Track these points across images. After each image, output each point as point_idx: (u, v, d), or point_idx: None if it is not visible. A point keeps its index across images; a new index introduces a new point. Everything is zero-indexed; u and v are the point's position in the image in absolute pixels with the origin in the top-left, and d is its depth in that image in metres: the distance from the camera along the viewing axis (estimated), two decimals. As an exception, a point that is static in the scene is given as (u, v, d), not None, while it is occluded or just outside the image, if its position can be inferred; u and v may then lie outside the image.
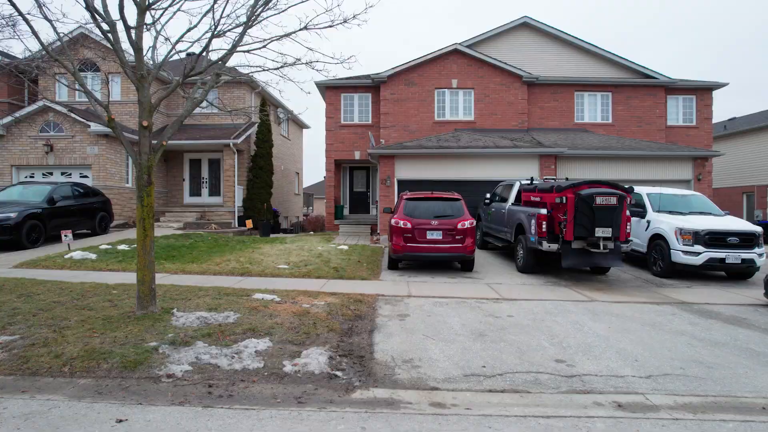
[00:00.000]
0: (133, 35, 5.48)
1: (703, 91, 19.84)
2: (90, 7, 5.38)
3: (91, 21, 5.44)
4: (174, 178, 21.14)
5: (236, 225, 19.63)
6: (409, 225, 9.75)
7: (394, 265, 10.41)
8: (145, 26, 5.51)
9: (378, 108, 19.56)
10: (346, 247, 13.48)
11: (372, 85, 19.51)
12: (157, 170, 21.28)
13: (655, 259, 10.58)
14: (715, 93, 19.93)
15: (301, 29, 5.71)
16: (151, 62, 5.84)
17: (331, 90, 19.69)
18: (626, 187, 9.48)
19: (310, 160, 75.79)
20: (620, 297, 8.20)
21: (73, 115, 16.46)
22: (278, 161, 25.14)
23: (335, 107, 19.90)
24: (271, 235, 18.05)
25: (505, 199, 12.71)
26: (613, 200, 8.88)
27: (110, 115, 5.60)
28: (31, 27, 5.39)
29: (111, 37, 5.54)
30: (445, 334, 5.78)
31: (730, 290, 9.11)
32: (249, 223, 19.10)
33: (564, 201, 9.16)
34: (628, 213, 9.40)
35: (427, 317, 6.54)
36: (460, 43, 18.83)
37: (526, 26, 19.41)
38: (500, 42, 19.48)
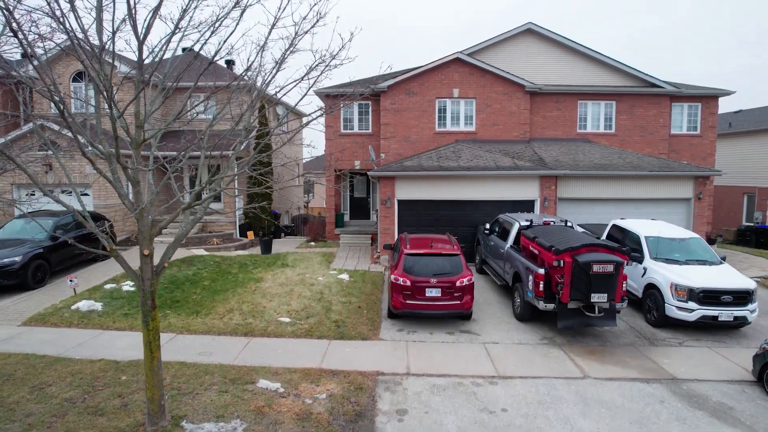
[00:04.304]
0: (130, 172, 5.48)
1: (708, 99, 19.48)
2: (87, 142, 5.36)
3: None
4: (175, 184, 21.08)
5: (237, 235, 19.81)
6: (408, 282, 9.91)
7: (393, 314, 10.63)
8: (141, 166, 5.50)
9: (378, 117, 19.30)
10: (346, 277, 13.69)
11: (372, 94, 19.16)
12: (157, 178, 21.27)
13: (650, 308, 10.80)
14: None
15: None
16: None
17: (330, 99, 19.34)
18: (623, 249, 9.58)
19: (310, 134, 74.90)
20: (612, 368, 8.44)
21: (70, 134, 16.27)
22: (278, 157, 25.00)
23: (335, 116, 19.62)
24: (272, 247, 18.19)
25: (505, 234, 12.77)
26: (610, 268, 9.00)
27: (111, 246, 5.68)
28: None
29: (111, 172, 5.56)
30: (442, 447, 6.06)
31: (720, 350, 9.35)
32: (250, 235, 19.27)
33: (561, 265, 9.28)
34: (625, 272, 9.52)
35: (424, 415, 6.80)
36: (461, 51, 18.34)
37: (530, 33, 18.83)
38: (504, 49, 18.96)
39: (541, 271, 9.71)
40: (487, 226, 14.10)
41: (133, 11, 5.07)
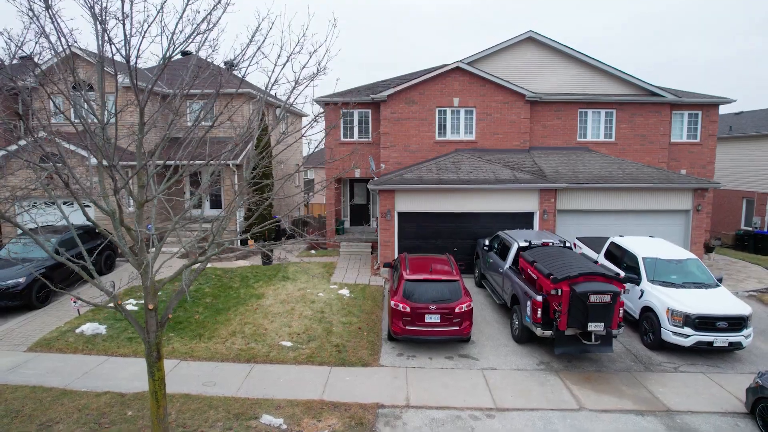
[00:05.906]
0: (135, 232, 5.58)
1: (709, 107, 19.45)
2: (91, 202, 5.46)
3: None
4: (175, 192, 21.19)
5: (239, 243, 19.91)
6: (408, 309, 10.05)
7: (393, 338, 10.76)
8: (144, 231, 5.60)
9: (378, 125, 19.30)
10: (347, 293, 13.84)
11: (372, 102, 19.15)
12: (158, 185, 21.43)
13: (646, 330, 10.94)
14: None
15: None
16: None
17: (330, 106, 19.33)
18: (621, 277, 9.69)
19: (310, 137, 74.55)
20: (607, 398, 8.60)
21: (72, 147, 16.32)
22: (278, 160, 25.01)
23: (335, 124, 19.62)
24: (273, 255, 18.31)
25: (504, 252, 12.86)
26: (607, 298, 9.14)
27: (117, 301, 5.79)
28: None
29: (116, 234, 5.71)
30: (440, 491, 6.24)
31: (715, 377, 9.50)
32: (251, 243, 19.36)
33: (559, 293, 9.40)
34: (621, 299, 9.64)
35: (423, 454, 6.98)
36: (462, 60, 18.28)
37: (531, 41, 18.74)
38: (504, 57, 18.87)
39: (539, 298, 9.83)
40: (487, 242, 14.21)
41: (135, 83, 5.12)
